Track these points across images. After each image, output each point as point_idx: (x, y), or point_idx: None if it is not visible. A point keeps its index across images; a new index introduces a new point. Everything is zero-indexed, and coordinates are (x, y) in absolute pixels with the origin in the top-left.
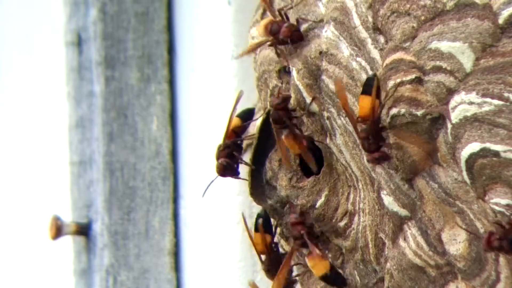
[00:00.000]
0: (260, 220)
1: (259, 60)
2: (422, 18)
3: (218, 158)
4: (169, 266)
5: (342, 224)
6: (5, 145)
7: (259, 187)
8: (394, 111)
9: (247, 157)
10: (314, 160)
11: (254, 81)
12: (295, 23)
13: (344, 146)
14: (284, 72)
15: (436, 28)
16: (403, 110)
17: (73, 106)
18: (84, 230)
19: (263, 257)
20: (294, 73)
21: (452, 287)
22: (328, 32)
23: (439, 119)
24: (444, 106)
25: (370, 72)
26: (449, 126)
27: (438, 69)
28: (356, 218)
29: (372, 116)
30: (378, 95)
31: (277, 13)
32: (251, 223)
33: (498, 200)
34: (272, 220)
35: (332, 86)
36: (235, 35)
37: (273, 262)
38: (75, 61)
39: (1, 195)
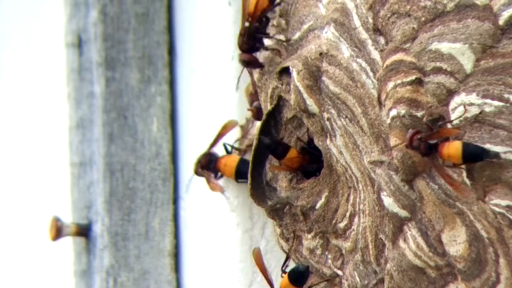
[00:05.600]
0: None
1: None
2: (423, 19)
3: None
4: (169, 267)
5: (342, 225)
6: (6, 146)
7: (259, 188)
8: (394, 112)
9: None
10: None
11: None
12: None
13: (344, 147)
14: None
15: (436, 29)
16: (403, 111)
17: (74, 107)
18: (84, 231)
19: None
20: (294, 74)
21: None
22: (329, 33)
23: (439, 120)
24: (444, 107)
25: (371, 74)
26: (449, 127)
27: (438, 70)
28: (356, 219)
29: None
30: None
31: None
32: (251, 224)
33: (498, 201)
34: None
35: (332, 87)
36: (235, 36)
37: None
38: (75, 62)
39: (1, 196)
